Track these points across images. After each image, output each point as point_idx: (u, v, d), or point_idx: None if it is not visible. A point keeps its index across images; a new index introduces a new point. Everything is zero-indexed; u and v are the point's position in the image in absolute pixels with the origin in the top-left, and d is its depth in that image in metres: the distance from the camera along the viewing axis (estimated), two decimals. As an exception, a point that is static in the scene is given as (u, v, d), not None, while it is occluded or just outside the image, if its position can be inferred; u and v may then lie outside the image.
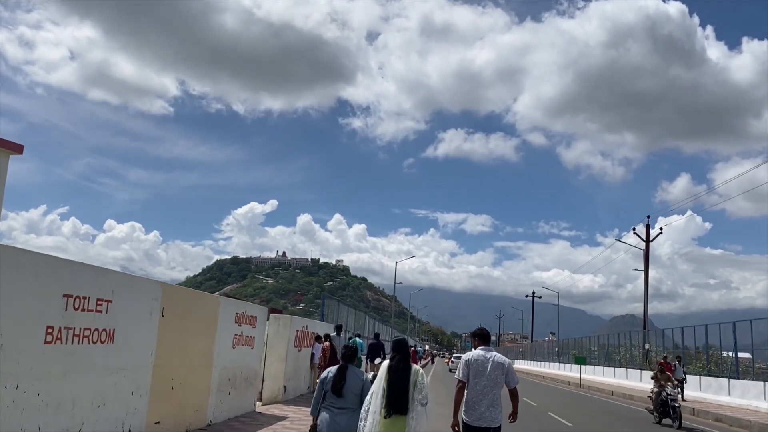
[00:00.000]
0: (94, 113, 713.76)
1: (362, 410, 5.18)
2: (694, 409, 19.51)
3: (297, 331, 15.53)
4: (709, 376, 24.45)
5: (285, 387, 14.62)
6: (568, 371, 45.17)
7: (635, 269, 37.65)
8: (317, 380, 15.89)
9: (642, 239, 35.20)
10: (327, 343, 15.61)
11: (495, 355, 5.84)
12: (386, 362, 5.39)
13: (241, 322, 11.25)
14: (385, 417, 5.04)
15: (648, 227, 35.30)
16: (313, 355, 16.35)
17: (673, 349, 28.54)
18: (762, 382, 19.75)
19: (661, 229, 35.39)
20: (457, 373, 5.93)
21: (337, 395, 5.36)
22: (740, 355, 23.94)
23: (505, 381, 5.74)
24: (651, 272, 35.08)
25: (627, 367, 34.14)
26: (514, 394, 5.88)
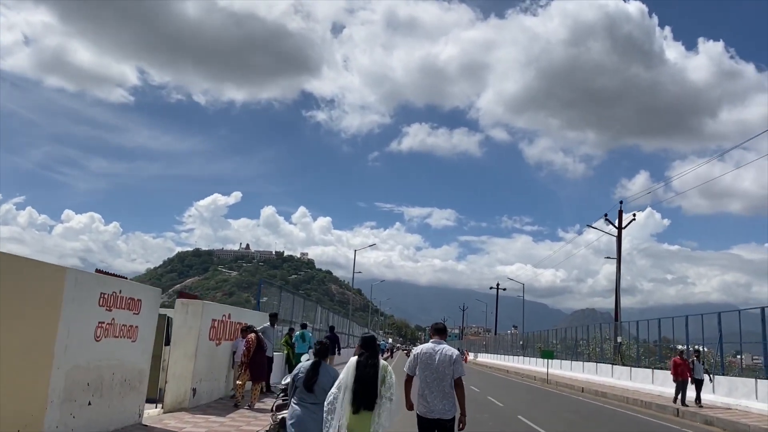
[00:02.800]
0: (52, 100, 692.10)
1: (326, 403, 5.14)
2: (677, 410, 17.32)
3: (213, 320, 12.54)
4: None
5: (194, 390, 11.65)
6: (533, 365, 43.27)
7: (607, 257, 35.43)
8: (237, 381, 13.00)
9: (614, 226, 33.16)
10: (252, 336, 12.62)
11: (444, 348, 5.84)
12: (354, 358, 5.41)
13: (113, 305, 8.25)
14: (353, 412, 5.04)
15: (620, 213, 33.29)
16: (234, 352, 13.35)
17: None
18: (753, 380, 17.65)
19: (634, 215, 33.38)
20: (405, 366, 6.00)
21: (308, 390, 5.46)
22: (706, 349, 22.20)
23: (452, 372, 5.75)
24: (612, 267, 33.07)
25: (597, 362, 32.15)
26: (458, 385, 5.77)
